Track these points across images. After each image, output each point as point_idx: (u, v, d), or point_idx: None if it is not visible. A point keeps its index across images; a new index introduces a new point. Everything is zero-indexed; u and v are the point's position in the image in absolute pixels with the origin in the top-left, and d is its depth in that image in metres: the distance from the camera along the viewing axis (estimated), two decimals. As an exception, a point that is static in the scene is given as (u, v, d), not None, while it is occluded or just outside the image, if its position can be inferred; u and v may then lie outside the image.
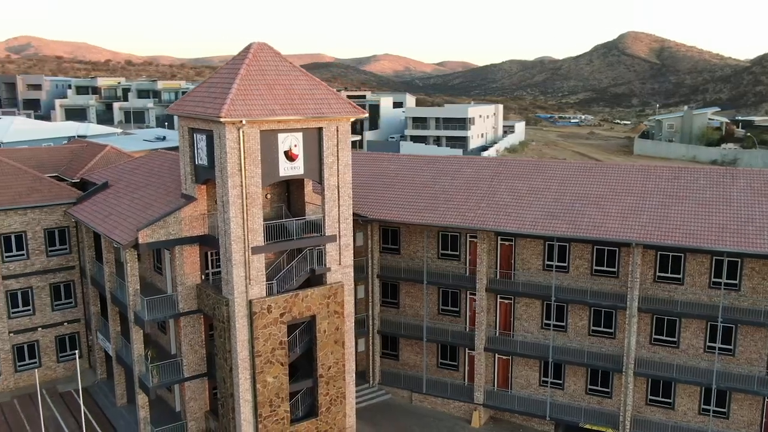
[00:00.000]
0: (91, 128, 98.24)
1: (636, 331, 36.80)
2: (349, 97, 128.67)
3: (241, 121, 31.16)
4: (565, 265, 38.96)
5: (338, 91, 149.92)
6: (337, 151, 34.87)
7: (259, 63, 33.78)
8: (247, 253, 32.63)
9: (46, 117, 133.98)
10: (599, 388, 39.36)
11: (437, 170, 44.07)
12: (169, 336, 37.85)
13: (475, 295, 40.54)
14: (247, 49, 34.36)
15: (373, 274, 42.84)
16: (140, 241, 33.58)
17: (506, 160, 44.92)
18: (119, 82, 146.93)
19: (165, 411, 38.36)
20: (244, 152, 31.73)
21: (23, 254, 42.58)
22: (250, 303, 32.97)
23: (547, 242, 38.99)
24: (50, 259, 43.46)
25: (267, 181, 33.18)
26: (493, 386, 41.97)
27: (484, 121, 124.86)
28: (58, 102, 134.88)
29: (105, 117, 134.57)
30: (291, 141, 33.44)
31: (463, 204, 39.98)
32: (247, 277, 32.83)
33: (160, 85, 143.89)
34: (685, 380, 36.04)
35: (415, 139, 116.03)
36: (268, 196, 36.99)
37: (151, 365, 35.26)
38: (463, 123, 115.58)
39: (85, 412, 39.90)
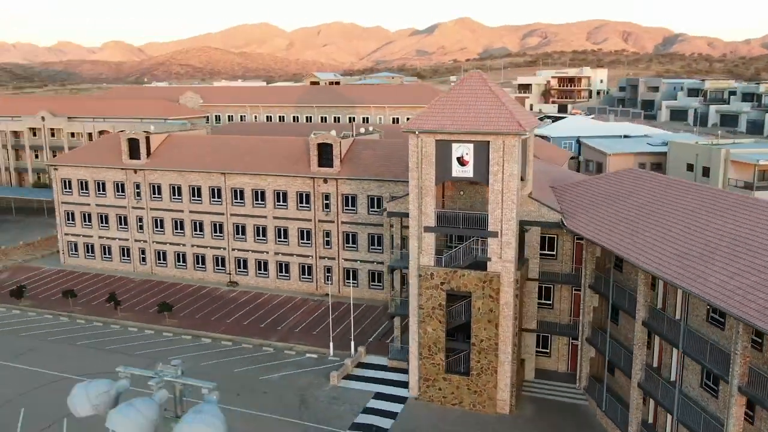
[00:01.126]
0: (638, 129, 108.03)
1: (737, 415, 30.24)
2: None
3: (415, 132, 42.51)
4: (723, 321, 33.72)
5: None
6: (503, 162, 41.31)
7: (462, 87, 43.48)
8: (419, 230, 43.92)
9: (654, 117, 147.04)
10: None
11: (654, 196, 41.81)
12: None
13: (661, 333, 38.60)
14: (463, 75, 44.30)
15: (586, 284, 44.94)
16: (387, 210, 48.79)
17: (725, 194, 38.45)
18: (728, 86, 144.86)
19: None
20: (420, 155, 42.95)
21: (354, 210, 63.03)
22: (419, 268, 44.27)
23: (711, 290, 34.43)
24: (370, 216, 62.56)
25: (440, 180, 43.17)
26: (664, 432, 39.01)
27: None
28: (665, 103, 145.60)
29: (706, 120, 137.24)
30: (463, 150, 42.22)
31: (625, 227, 38.70)
32: (419, 248, 44.18)
33: (708, 84, 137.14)
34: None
35: None
36: (503, 195, 45.64)
37: (393, 296, 50.39)
38: None
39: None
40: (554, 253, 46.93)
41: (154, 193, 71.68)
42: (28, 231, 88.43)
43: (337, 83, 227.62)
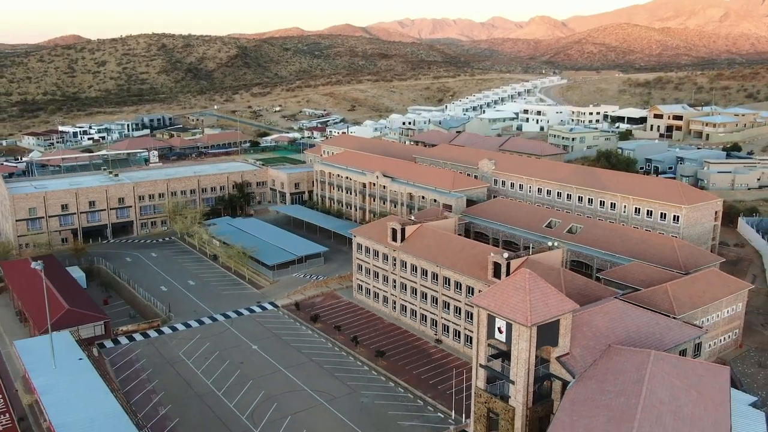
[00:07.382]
0: None
1: None
2: None
3: (475, 305, 66.09)
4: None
5: None
6: (518, 341, 62.39)
7: (511, 279, 65.04)
8: (476, 364, 67.55)
9: None
10: None
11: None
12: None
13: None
14: (516, 271, 65.69)
15: (583, 430, 62.47)
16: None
17: None
18: None
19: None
20: (478, 321, 66.40)
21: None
22: (475, 388, 68.08)
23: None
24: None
25: (489, 337, 65.76)
26: None
27: None
28: None
29: None
30: (501, 323, 64.32)
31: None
32: (476, 375, 67.91)
33: None
34: None
35: None
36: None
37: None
38: None
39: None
40: (579, 400, 64.86)
41: (402, 266, 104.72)
42: (349, 262, 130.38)
43: (679, 117, 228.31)
